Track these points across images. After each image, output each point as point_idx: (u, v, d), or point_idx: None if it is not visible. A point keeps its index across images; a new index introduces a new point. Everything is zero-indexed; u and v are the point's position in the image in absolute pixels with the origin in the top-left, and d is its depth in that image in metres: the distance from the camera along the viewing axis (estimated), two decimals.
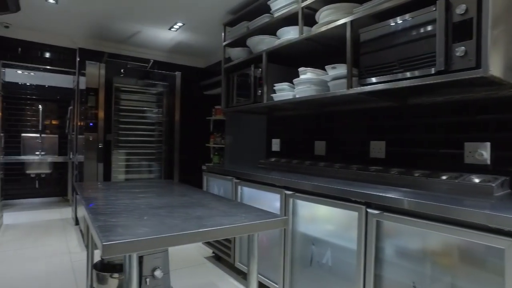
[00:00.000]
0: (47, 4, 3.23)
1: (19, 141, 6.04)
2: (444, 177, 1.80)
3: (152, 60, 3.88)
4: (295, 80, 2.42)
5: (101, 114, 3.35)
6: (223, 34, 3.28)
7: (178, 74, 3.88)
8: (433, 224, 1.37)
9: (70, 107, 5.77)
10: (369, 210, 1.64)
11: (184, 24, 3.62)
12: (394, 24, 1.69)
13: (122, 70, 3.54)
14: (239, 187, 2.69)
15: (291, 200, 2.15)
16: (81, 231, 4.03)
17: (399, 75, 1.67)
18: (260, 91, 2.74)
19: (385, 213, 1.56)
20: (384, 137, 2.32)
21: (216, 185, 3.07)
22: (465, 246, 1.32)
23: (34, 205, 5.85)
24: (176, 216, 1.21)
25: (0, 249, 3.39)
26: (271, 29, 2.74)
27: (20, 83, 6.08)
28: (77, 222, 4.29)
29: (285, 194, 2.17)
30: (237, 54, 3.09)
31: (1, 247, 3.47)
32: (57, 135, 6.37)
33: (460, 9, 1.38)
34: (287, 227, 2.13)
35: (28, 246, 3.51)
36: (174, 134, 3.86)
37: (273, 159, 3.23)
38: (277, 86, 2.61)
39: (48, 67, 4.18)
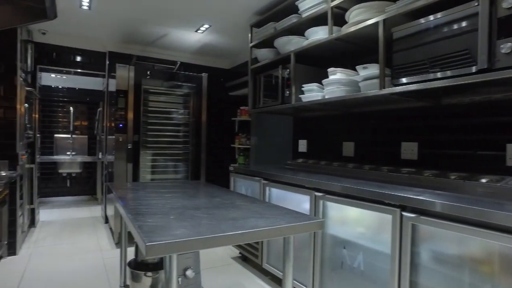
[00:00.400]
0: (81, 10, 3.34)
1: (52, 141, 6.31)
2: (483, 180, 1.72)
3: (179, 62, 3.95)
4: (325, 81, 2.40)
5: (130, 115, 3.44)
6: (249, 35, 3.29)
7: (204, 75, 3.93)
8: (474, 229, 1.31)
9: (99, 109, 5.97)
10: (404, 213, 1.60)
11: (210, 26, 3.66)
12: (430, 21, 1.64)
13: (149, 72, 3.62)
14: (267, 188, 2.69)
15: (321, 202, 2.12)
16: (110, 229, 4.16)
17: (437, 74, 1.62)
18: (288, 92, 2.73)
19: (421, 217, 1.52)
20: (416, 138, 2.25)
21: (244, 185, 3.09)
22: (507, 253, 1.26)
23: (66, 203, 6.08)
24: (212, 218, 1.22)
25: (38, 244, 3.54)
26: (299, 29, 2.72)
27: (53, 86, 6.35)
28: (106, 221, 4.42)
29: (315, 195, 2.15)
30: (264, 55, 3.10)
31: (39, 242, 3.62)
32: (86, 136, 6.60)
33: (507, 3, 1.31)
34: (322, 229, 2.11)
35: (62, 243, 3.65)
36: (201, 135, 3.91)
37: (300, 160, 3.21)
38: (306, 87, 2.59)
39: (79, 70, 4.33)
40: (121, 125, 3.36)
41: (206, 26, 3.65)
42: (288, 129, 3.76)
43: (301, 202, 2.35)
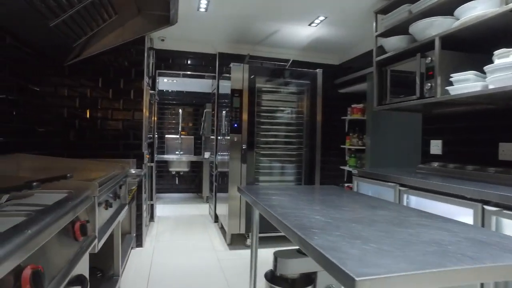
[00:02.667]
0: (198, 13, 3.41)
1: (164, 141, 6.81)
2: None
3: (291, 59, 3.79)
4: (488, 67, 1.93)
5: (244, 115, 3.39)
6: (374, 23, 2.94)
7: (319, 71, 3.69)
8: None
9: (206, 110, 6.22)
10: None
11: (326, 18, 3.40)
12: None
13: (262, 71, 3.52)
14: (404, 196, 2.32)
15: (493, 219, 1.69)
16: (220, 228, 4.21)
17: None
18: (430, 84, 2.31)
19: None
20: None
21: (370, 190, 2.75)
22: None
23: (175, 200, 6.49)
24: (411, 241, 0.96)
25: (159, 239, 3.75)
26: (441, 10, 2.28)
27: (164, 90, 6.86)
28: (215, 220, 4.51)
29: (484, 209, 1.72)
30: (393, 44, 2.71)
31: (159, 236, 3.84)
32: (192, 136, 6.97)
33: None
34: None
35: (178, 239, 3.80)
36: (316, 135, 3.68)
37: (435, 164, 2.73)
38: (457, 76, 2.14)
39: (191, 72, 4.50)
40: (235, 125, 3.33)
41: (322, 18, 3.40)
42: (412, 128, 3.28)
43: (454, 215, 1.92)
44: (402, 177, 2.35)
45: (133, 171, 3.22)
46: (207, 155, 6.14)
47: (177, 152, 6.81)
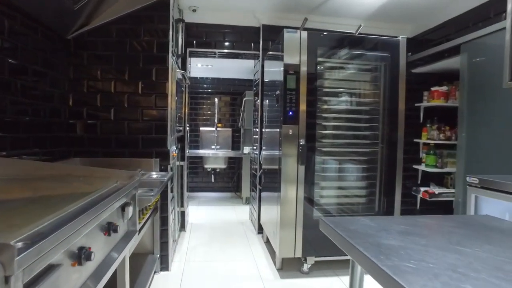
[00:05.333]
0: None
1: (198, 134, 6.09)
2: None
3: (361, 25, 2.82)
4: None
5: (302, 101, 2.49)
6: None
7: (402, 39, 2.69)
8: None
9: (245, 98, 5.39)
10: None
11: None
12: None
13: (326, 40, 2.60)
14: None
15: None
16: (266, 243, 3.39)
17: None
18: None
19: None
20: None
21: (508, 212, 1.77)
22: None
23: (210, 200, 5.77)
24: None
25: (190, 258, 2.97)
26: None
27: (199, 77, 6.11)
28: (259, 230, 3.69)
29: None
30: None
31: (190, 254, 3.07)
32: (230, 129, 6.18)
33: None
34: None
35: (214, 258, 3.01)
36: (398, 127, 2.70)
37: None
38: None
39: (229, 51, 3.67)
40: (290, 113, 2.45)
41: None
42: None
43: None
44: None
45: (154, 175, 2.45)
46: (246, 150, 5.33)
47: (212, 147, 6.06)
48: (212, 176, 6.06)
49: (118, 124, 2.54)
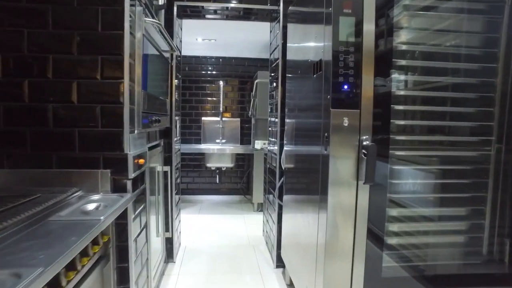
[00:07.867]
0: None
1: (200, 126, 4.98)
2: None
3: None
4: None
5: (368, 69, 1.34)
6: None
7: None
8: None
9: (257, 80, 4.24)
10: None
11: None
12: None
13: None
14: None
15: None
16: (288, 286, 2.29)
17: None
18: None
19: None
20: None
21: None
22: None
23: (213, 205, 4.70)
24: None
25: None
26: None
27: (200, 56, 4.97)
28: (278, 263, 2.59)
29: None
30: None
31: None
32: (238, 119, 5.05)
33: None
34: None
35: None
36: None
37: None
38: None
39: (232, 4, 2.54)
40: (346, 87, 1.30)
41: None
42: None
43: None
44: None
45: (94, 201, 1.36)
46: (259, 144, 4.23)
47: (217, 141, 4.96)
48: (217, 176, 4.96)
49: (37, 110, 1.44)
